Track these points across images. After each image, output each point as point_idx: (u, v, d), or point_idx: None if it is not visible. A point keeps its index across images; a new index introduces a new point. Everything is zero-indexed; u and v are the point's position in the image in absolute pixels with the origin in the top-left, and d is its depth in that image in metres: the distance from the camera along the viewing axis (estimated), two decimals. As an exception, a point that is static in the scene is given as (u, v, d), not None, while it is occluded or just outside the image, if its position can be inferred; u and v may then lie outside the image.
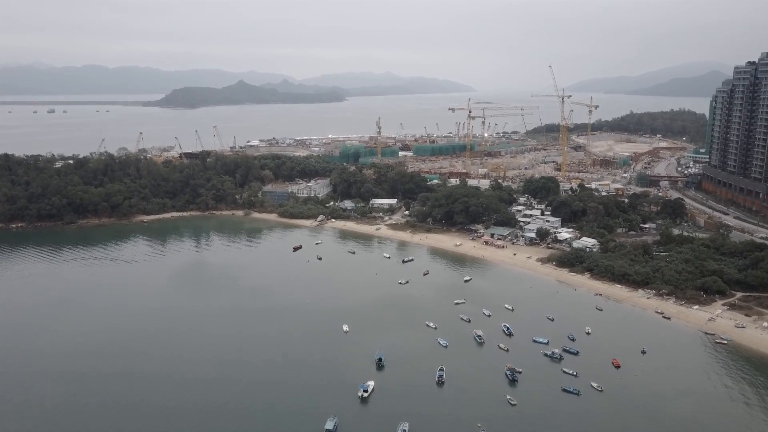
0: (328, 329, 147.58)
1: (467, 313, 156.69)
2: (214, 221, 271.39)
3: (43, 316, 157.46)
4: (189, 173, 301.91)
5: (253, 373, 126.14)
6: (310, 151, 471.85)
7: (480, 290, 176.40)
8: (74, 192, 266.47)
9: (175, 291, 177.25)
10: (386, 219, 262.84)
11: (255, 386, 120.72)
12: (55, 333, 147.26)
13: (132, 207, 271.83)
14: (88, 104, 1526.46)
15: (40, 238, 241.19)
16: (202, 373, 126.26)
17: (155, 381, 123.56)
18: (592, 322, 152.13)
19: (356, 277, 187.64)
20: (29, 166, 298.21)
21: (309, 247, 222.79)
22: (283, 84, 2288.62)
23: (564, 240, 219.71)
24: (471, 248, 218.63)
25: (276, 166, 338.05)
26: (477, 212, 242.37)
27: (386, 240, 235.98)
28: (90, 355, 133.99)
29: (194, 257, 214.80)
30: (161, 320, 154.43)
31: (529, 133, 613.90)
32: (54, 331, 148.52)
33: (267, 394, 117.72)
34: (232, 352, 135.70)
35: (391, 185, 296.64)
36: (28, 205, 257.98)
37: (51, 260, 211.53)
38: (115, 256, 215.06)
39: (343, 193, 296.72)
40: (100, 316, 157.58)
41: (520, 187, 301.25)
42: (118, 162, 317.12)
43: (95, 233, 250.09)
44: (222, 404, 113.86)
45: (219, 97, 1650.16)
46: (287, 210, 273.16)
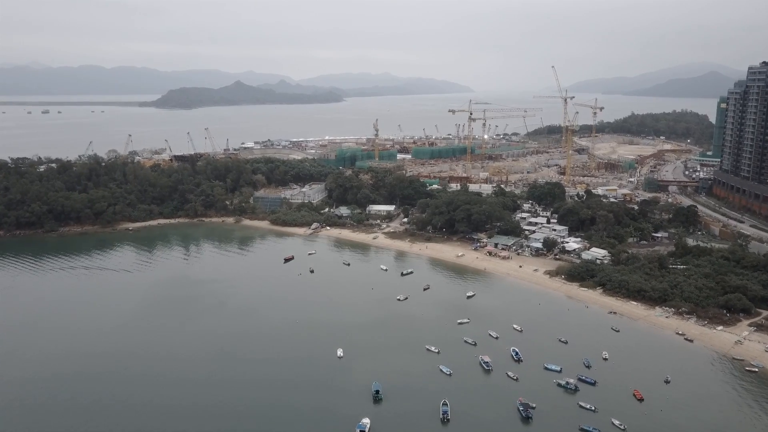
0: (321, 354, 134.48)
1: (472, 335, 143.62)
2: (202, 229, 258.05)
3: (17, 334, 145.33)
4: (178, 178, 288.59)
5: (236, 406, 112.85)
6: (306, 153, 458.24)
7: (485, 308, 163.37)
8: (55, 198, 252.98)
9: (156, 309, 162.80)
10: (384, 227, 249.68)
11: (237, 422, 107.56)
12: (28, 352, 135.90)
13: (117, 214, 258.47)
14: (84, 105, 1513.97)
15: (19, 247, 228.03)
16: (173, 400, 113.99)
17: (131, 406, 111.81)
18: (608, 345, 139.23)
19: (351, 293, 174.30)
20: (9, 171, 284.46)
21: (301, 257, 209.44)
22: (281, 84, 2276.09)
23: (572, 251, 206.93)
24: (474, 259, 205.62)
25: (269, 171, 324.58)
26: (480, 220, 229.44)
27: (383, 249, 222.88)
28: (59, 379, 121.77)
29: (178, 270, 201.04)
30: (138, 342, 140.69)
31: (530, 134, 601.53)
32: (26, 351, 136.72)
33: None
34: (211, 382, 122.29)
35: (388, 191, 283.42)
36: (7, 213, 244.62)
37: (28, 270, 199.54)
38: (97, 266, 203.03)
39: (338, 199, 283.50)
40: (73, 335, 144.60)
41: (524, 193, 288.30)
42: (103, 166, 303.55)
43: (77, 242, 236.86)
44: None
45: (216, 98, 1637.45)
46: (279, 217, 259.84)
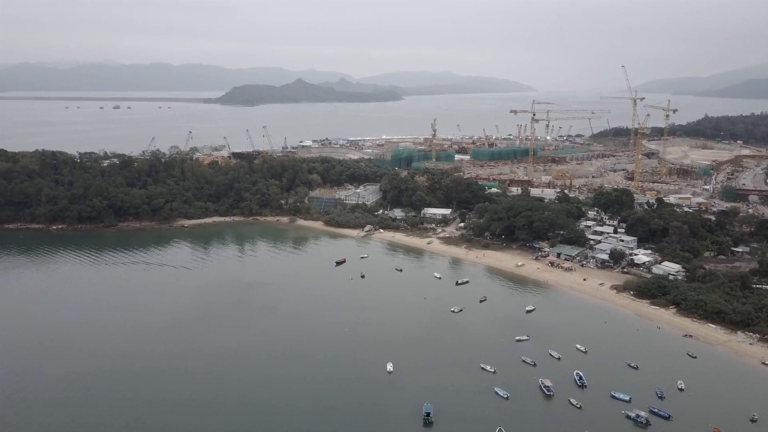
0: (370, 368, 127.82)
1: (531, 354, 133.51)
2: (257, 228, 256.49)
3: (75, 328, 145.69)
4: (234, 176, 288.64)
5: (280, 421, 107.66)
6: (363, 153, 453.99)
7: (546, 324, 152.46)
8: (115, 194, 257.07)
9: (208, 311, 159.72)
10: (439, 231, 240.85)
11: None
12: (83, 347, 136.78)
13: (173, 211, 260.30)
14: (152, 101, 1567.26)
15: (81, 240, 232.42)
16: (224, 400, 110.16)
17: (178, 403, 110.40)
18: (684, 373, 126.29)
19: (403, 302, 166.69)
20: (74, 165, 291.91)
21: (353, 261, 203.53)
22: (341, 82, 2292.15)
23: (642, 264, 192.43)
24: (534, 270, 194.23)
25: (324, 170, 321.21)
26: (541, 228, 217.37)
27: (438, 255, 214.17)
28: (112, 377, 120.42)
29: (232, 269, 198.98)
30: (189, 344, 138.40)
31: (595, 137, 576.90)
32: (81, 345, 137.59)
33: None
34: (261, 392, 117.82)
35: (445, 193, 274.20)
36: (69, 207, 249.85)
37: (88, 264, 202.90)
38: (154, 261, 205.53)
39: (393, 201, 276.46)
40: (126, 333, 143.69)
41: (589, 199, 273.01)
42: (163, 163, 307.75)
43: (135, 237, 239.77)
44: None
45: (277, 95, 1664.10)
46: (333, 218, 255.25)
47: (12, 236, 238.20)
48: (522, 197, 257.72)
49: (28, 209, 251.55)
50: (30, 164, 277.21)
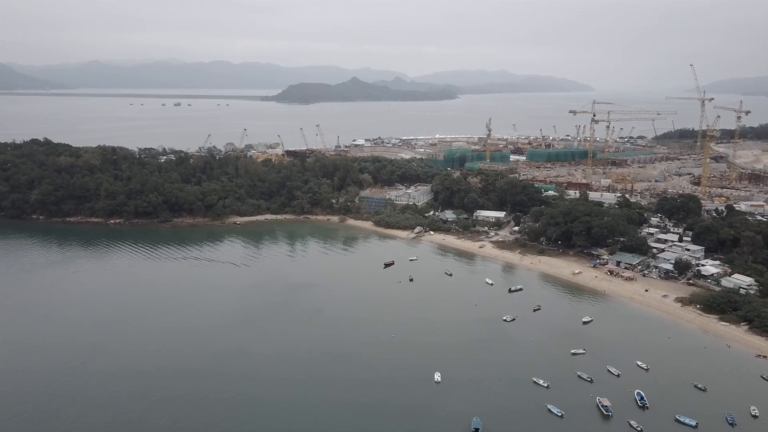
0: (417, 377, 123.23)
1: (588, 370, 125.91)
2: (307, 226, 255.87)
3: (126, 324, 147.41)
4: (286, 174, 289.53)
5: (323, 428, 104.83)
6: (415, 152, 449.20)
7: (604, 337, 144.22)
8: (171, 190, 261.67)
9: (256, 312, 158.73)
10: (492, 235, 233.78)
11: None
12: (133, 344, 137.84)
13: (226, 207, 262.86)
14: (212, 98, 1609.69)
15: (137, 235, 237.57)
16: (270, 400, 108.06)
17: (225, 402, 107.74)
18: (758, 398, 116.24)
19: (452, 309, 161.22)
20: (133, 161, 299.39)
21: (402, 263, 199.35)
22: (396, 81, 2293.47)
23: (710, 276, 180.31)
24: (592, 278, 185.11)
25: (376, 170, 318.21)
26: (600, 234, 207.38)
27: (490, 260, 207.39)
28: (162, 376, 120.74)
29: (281, 267, 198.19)
30: (233, 342, 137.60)
31: (659, 139, 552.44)
32: (132, 342, 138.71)
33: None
34: (304, 396, 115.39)
35: (499, 195, 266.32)
36: (127, 202, 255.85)
37: (143, 259, 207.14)
38: (206, 257, 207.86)
39: (444, 202, 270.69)
40: (175, 330, 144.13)
41: (652, 205, 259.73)
42: (218, 160, 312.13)
43: (188, 233, 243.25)
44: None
45: (332, 94, 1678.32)
46: (383, 218, 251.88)
47: (73, 229, 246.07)
48: (580, 201, 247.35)
49: (88, 203, 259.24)
50: (92, 159, 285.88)
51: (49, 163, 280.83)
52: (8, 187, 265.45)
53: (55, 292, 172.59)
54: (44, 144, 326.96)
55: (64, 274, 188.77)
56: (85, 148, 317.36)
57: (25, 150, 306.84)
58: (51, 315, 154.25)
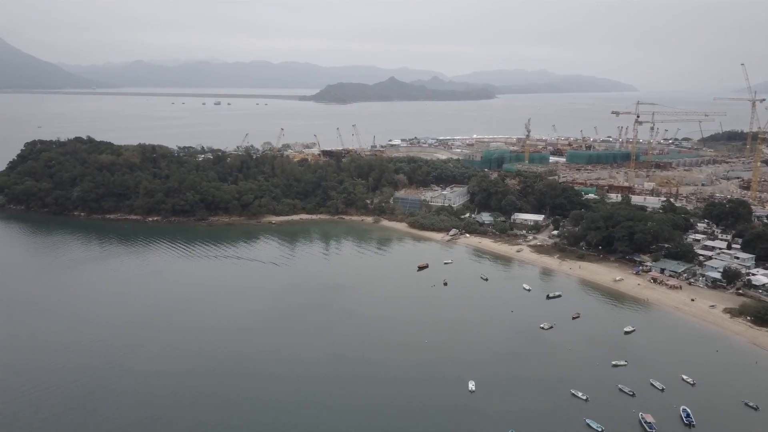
0: (451, 385, 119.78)
1: (630, 383, 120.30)
2: (342, 227, 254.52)
3: (156, 323, 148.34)
4: (322, 174, 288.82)
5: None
6: (452, 153, 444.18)
7: (647, 348, 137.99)
8: (207, 188, 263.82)
9: (288, 312, 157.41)
10: (530, 238, 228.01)
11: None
12: (166, 344, 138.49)
13: (262, 207, 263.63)
14: (251, 97, 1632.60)
15: (173, 233, 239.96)
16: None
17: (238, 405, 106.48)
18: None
19: (488, 314, 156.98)
20: (172, 159, 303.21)
21: (436, 266, 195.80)
22: (434, 81, 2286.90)
23: (761, 286, 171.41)
24: (634, 286, 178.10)
25: (411, 170, 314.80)
26: (643, 240, 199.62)
27: (528, 265, 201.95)
28: (195, 376, 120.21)
29: (314, 268, 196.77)
30: (265, 344, 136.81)
31: (705, 141, 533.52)
32: (165, 337, 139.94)
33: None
34: (333, 400, 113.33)
35: (537, 198, 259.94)
36: (165, 200, 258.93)
37: (179, 256, 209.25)
38: (241, 256, 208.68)
39: (481, 204, 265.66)
40: (208, 331, 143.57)
41: (698, 210, 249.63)
42: (254, 159, 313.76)
43: (224, 232, 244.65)
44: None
45: (370, 93, 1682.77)
46: (418, 220, 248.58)
47: (113, 226, 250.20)
48: (622, 205, 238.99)
49: (127, 201, 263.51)
50: (132, 157, 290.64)
51: (91, 161, 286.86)
52: (52, 184, 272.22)
53: (94, 289, 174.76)
54: (87, 142, 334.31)
55: (104, 272, 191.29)
56: (126, 146, 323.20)
57: (69, 148, 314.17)
58: (89, 313, 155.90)
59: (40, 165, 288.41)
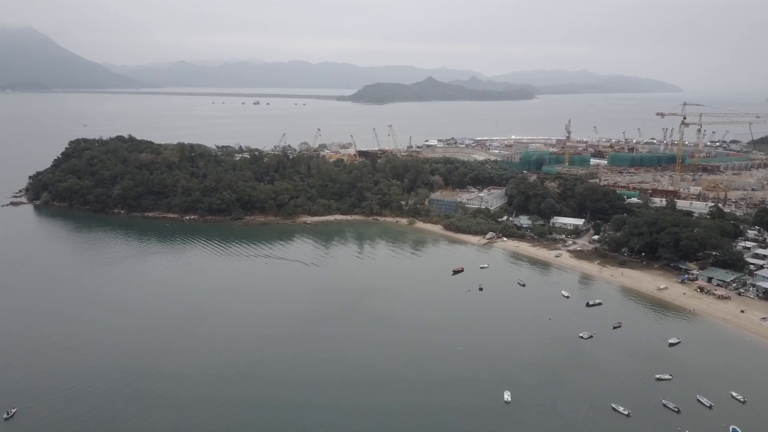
0: (485, 395, 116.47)
1: (675, 399, 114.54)
2: (376, 228, 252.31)
3: (190, 324, 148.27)
4: (357, 175, 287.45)
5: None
6: (489, 154, 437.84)
7: (693, 362, 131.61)
8: (244, 188, 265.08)
9: (321, 317, 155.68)
10: (569, 243, 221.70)
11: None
12: (201, 340, 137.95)
13: (297, 207, 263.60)
14: (289, 97, 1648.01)
15: (210, 231, 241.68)
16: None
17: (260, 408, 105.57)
18: None
19: (525, 322, 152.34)
20: (209, 159, 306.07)
21: (472, 270, 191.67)
22: (472, 81, 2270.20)
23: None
24: (679, 295, 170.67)
25: (447, 172, 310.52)
26: (689, 247, 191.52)
27: (567, 271, 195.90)
28: (225, 380, 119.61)
29: (349, 269, 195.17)
30: (298, 348, 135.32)
31: (756, 143, 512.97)
32: (199, 338, 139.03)
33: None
34: (364, 405, 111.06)
35: (578, 202, 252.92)
36: (202, 198, 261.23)
37: (216, 255, 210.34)
38: (276, 255, 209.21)
39: (519, 207, 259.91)
40: (242, 336, 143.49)
41: (749, 216, 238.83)
42: (290, 159, 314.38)
43: (259, 231, 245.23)
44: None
45: (407, 93, 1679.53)
46: (453, 222, 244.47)
47: (152, 224, 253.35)
48: (667, 210, 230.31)
49: (165, 199, 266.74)
50: (170, 156, 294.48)
51: (131, 160, 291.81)
52: (93, 182, 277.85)
53: (131, 287, 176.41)
54: (128, 140, 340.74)
55: (141, 270, 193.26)
56: (166, 145, 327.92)
57: (111, 146, 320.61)
58: (124, 312, 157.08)
59: (82, 163, 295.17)
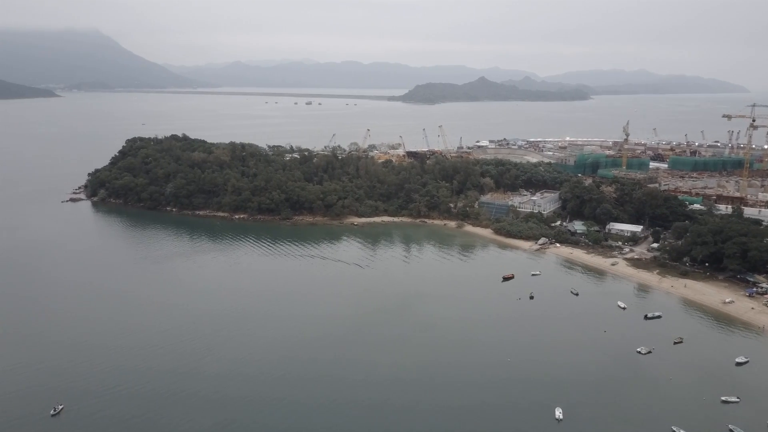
0: (535, 410, 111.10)
1: (743, 424, 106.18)
2: (424, 231, 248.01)
3: (237, 324, 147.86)
4: (405, 176, 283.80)
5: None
6: (542, 156, 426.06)
7: (764, 384, 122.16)
8: (293, 188, 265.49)
9: (367, 320, 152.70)
10: (626, 251, 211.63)
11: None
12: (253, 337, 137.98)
13: (345, 208, 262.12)
14: (341, 97, 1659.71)
15: (259, 231, 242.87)
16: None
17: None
18: None
19: (578, 334, 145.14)
20: (260, 158, 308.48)
21: (523, 278, 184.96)
22: (525, 81, 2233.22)
23: None
24: (747, 310, 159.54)
25: (498, 174, 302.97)
26: (759, 258, 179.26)
27: (623, 280, 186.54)
28: (268, 382, 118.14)
29: (395, 273, 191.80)
30: (339, 350, 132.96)
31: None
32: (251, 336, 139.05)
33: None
34: (407, 421, 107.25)
35: (636, 207, 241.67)
36: (251, 198, 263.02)
37: (265, 254, 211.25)
38: (324, 256, 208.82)
39: (573, 212, 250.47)
40: (284, 339, 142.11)
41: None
42: (339, 160, 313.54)
43: (307, 231, 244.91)
44: None
45: (459, 93, 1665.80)
46: (504, 226, 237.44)
47: (202, 222, 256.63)
48: (733, 218, 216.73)
49: (216, 198, 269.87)
50: (222, 155, 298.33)
51: (184, 158, 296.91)
52: (147, 180, 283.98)
53: (181, 285, 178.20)
54: (182, 139, 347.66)
55: (191, 268, 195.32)
56: (218, 144, 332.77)
57: (165, 145, 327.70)
58: (172, 311, 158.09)
59: (137, 161, 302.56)
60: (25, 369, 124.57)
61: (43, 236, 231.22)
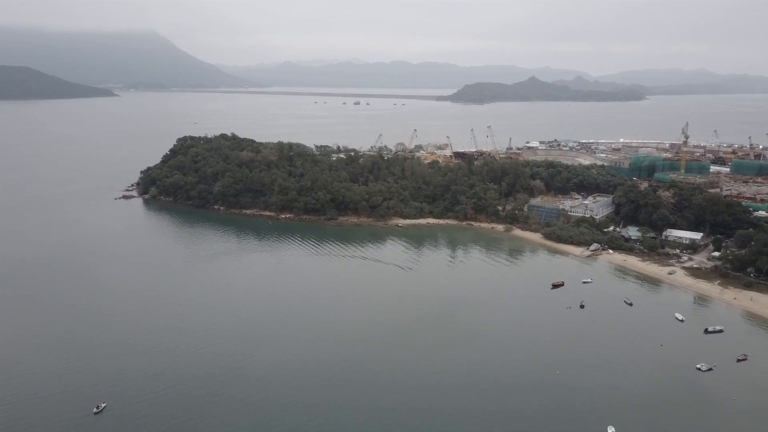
0: (585, 429, 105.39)
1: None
2: (470, 234, 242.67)
3: (280, 327, 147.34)
4: (452, 177, 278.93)
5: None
6: (595, 158, 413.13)
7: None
8: (338, 188, 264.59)
9: (409, 327, 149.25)
10: (684, 259, 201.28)
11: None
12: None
13: (390, 209, 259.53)
14: (389, 97, 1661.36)
15: (305, 230, 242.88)
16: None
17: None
18: None
19: (632, 347, 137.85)
20: (306, 158, 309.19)
21: (573, 285, 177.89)
22: (577, 81, 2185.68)
23: None
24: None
25: (549, 176, 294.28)
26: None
27: (681, 291, 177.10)
28: (310, 385, 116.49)
29: (439, 277, 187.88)
30: (380, 355, 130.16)
31: None
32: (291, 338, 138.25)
33: None
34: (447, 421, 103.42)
35: (695, 213, 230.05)
36: (297, 198, 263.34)
37: (310, 254, 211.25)
38: (369, 257, 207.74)
39: (627, 217, 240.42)
40: (326, 341, 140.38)
41: None
42: (385, 160, 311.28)
43: (352, 232, 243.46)
44: None
45: (508, 93, 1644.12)
46: (554, 231, 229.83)
47: (249, 221, 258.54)
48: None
49: (262, 197, 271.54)
50: (269, 155, 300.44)
51: (233, 157, 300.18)
52: (197, 178, 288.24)
53: (227, 285, 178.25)
54: (230, 138, 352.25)
55: (238, 267, 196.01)
56: (266, 143, 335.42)
57: (214, 144, 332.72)
58: (218, 311, 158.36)
59: (187, 160, 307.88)
60: (71, 369, 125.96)
61: (95, 234, 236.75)
